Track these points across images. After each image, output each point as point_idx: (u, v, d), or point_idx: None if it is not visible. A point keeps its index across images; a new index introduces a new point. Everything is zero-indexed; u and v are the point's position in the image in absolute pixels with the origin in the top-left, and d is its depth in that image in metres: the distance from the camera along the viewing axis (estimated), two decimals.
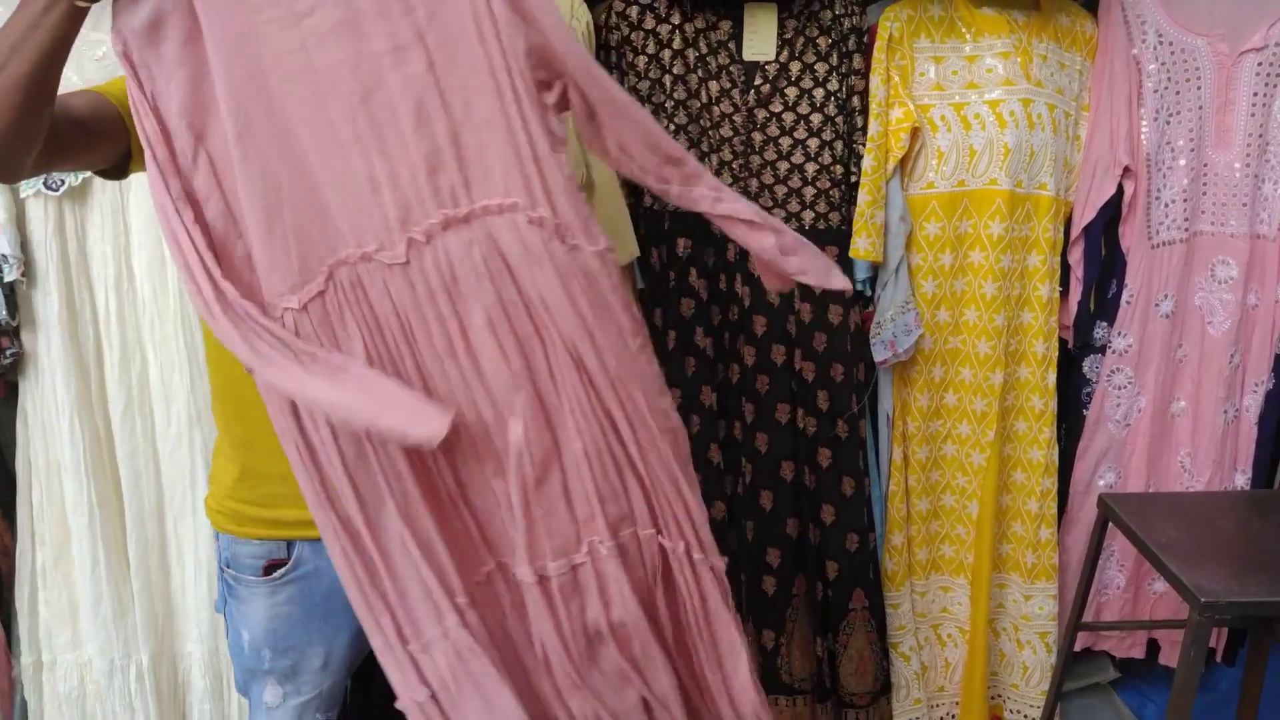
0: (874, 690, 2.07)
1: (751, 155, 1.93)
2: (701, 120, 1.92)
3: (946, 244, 1.97)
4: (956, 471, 2.07)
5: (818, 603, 2.04)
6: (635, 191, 1.92)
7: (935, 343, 2.01)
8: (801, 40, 1.90)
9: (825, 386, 1.99)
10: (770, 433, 2.01)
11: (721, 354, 2.01)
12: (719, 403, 2.02)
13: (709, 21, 1.89)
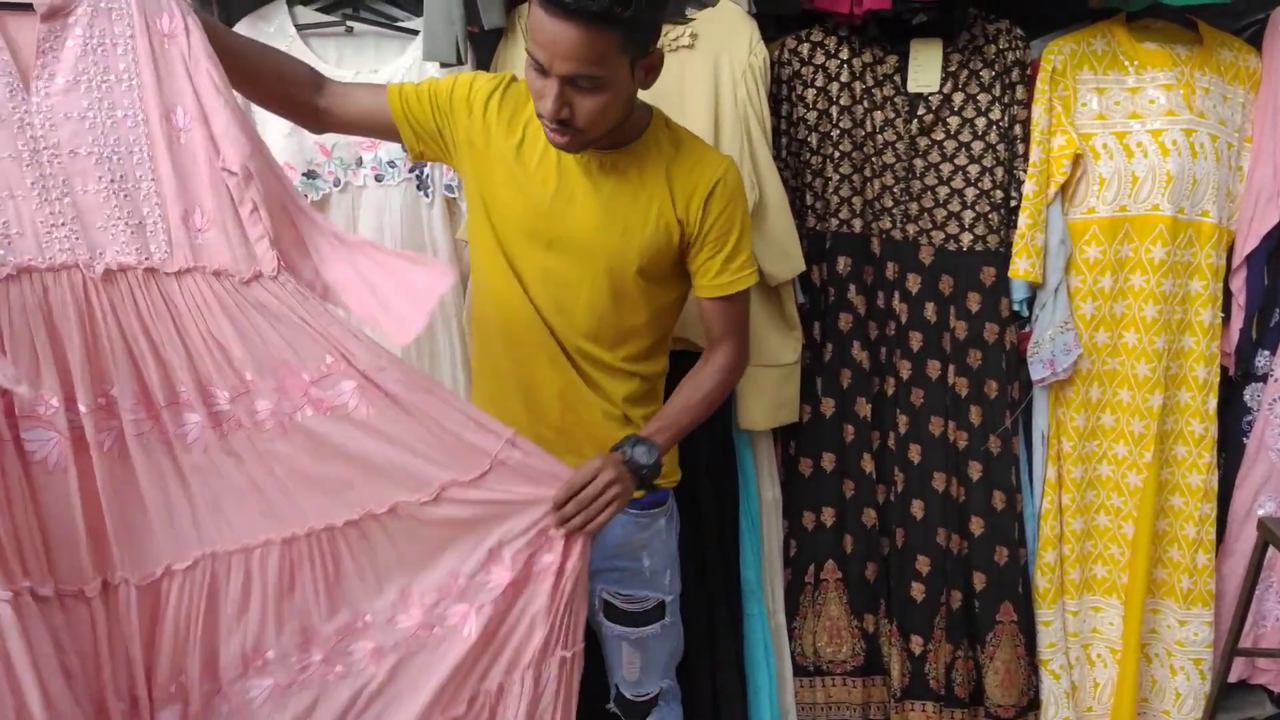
0: (1021, 705, 2.11)
1: (913, 180, 2.05)
2: (865, 148, 2.05)
3: (1107, 267, 2.02)
4: (1112, 492, 2.09)
5: (965, 613, 2.10)
6: (799, 212, 2.07)
7: (1093, 363, 2.06)
8: (965, 72, 2.01)
9: (978, 402, 2.07)
10: (923, 444, 2.10)
11: (877, 368, 2.12)
12: (873, 414, 2.12)
13: (876, 56, 2.03)
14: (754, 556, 2.12)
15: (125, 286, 1.26)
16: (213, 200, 1.28)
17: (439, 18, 1.81)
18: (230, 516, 1.33)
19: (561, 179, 1.49)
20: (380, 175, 1.98)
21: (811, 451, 2.14)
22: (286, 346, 1.31)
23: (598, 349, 1.55)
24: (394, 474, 1.37)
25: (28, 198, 1.22)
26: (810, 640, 2.18)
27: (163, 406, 1.28)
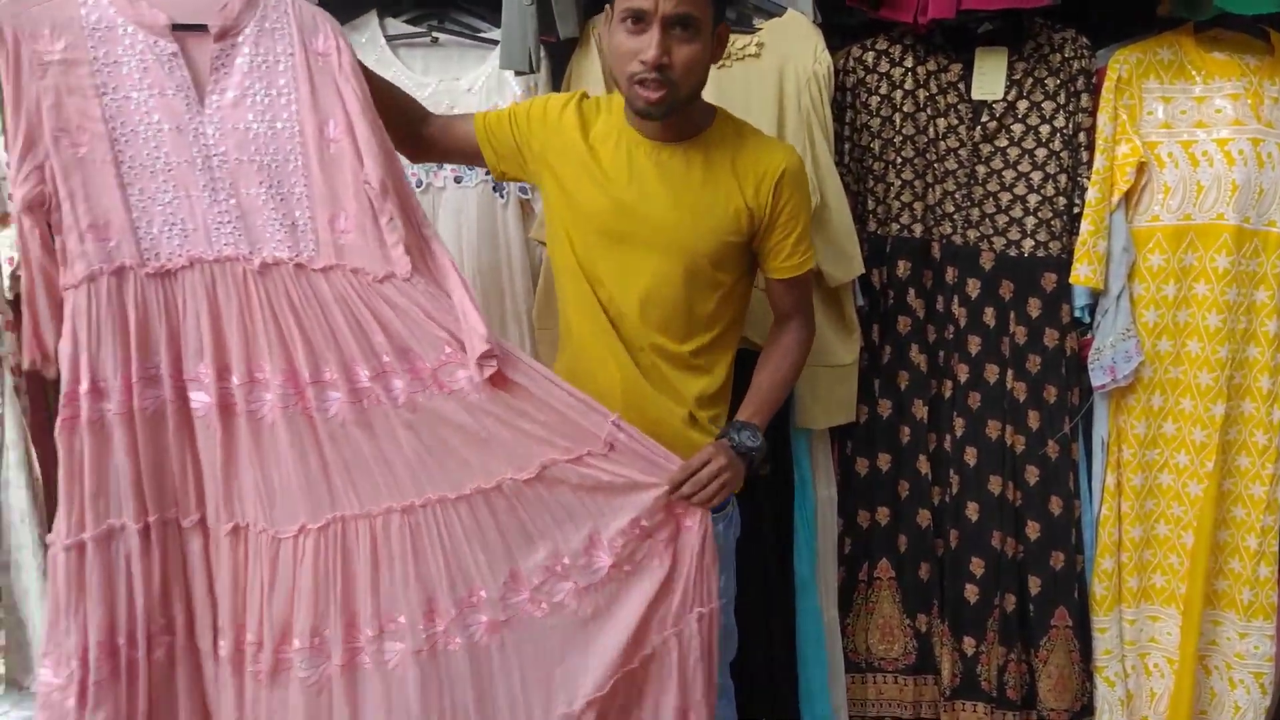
0: (1074, 710, 2.11)
1: (975, 186, 2.07)
2: (928, 154, 2.09)
3: (1170, 275, 2.02)
4: (1172, 501, 2.09)
5: (1019, 616, 2.12)
6: (860, 217, 2.11)
7: (1155, 371, 2.06)
8: (1030, 80, 2.04)
9: (1037, 406, 2.08)
10: (979, 447, 2.12)
11: (935, 370, 2.15)
12: (930, 416, 2.16)
13: (940, 64, 2.07)
14: (808, 552, 2.17)
15: (279, 278, 1.45)
16: (355, 206, 1.45)
17: (516, 28, 1.91)
18: (358, 485, 1.49)
19: (634, 173, 1.59)
20: (459, 177, 2.10)
21: (867, 452, 2.18)
22: (410, 337, 1.47)
23: (669, 341, 1.63)
24: (500, 452, 1.50)
25: (200, 198, 1.43)
26: (863, 637, 2.22)
27: (308, 384, 1.45)
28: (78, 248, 1.39)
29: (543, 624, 1.54)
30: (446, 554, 1.51)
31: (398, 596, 1.50)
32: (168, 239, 1.43)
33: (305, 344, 1.46)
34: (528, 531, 1.53)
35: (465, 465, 1.51)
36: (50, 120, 1.37)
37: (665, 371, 1.65)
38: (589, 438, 1.51)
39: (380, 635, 1.49)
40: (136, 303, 1.42)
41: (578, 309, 1.67)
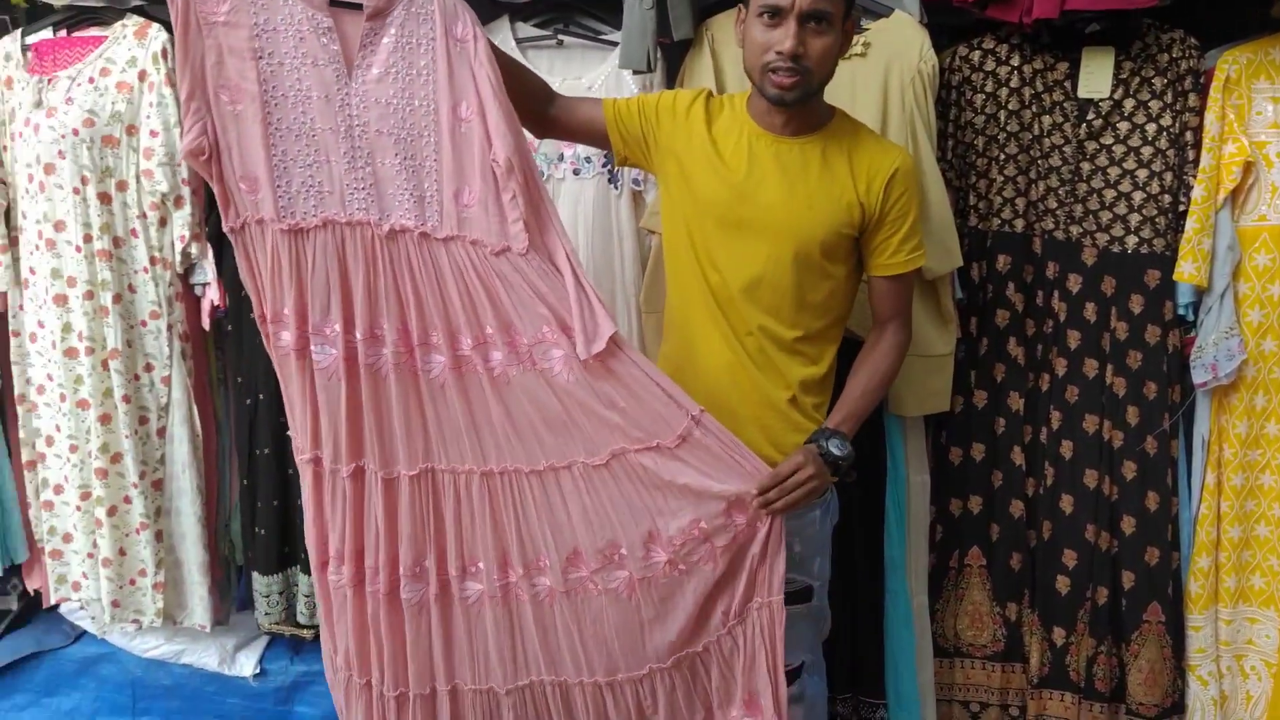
0: (1164, 706, 2.12)
1: (1079, 183, 2.11)
2: (1032, 150, 2.13)
3: (1277, 275, 2.01)
4: (1274, 502, 2.07)
5: (1111, 610, 2.13)
6: (962, 212, 2.17)
7: (1259, 371, 2.05)
8: (1137, 79, 2.06)
9: (1136, 402, 2.10)
10: (1076, 441, 2.15)
11: (1033, 363, 2.19)
12: (1026, 409, 2.19)
13: (1046, 63, 2.11)
14: (899, 536, 2.23)
15: (403, 244, 1.57)
16: (480, 183, 1.56)
17: (635, 30, 2.05)
18: (447, 443, 1.63)
19: (753, 164, 1.70)
20: (578, 169, 2.25)
21: (962, 441, 2.23)
22: (514, 311, 1.58)
23: (777, 325, 1.72)
24: (576, 435, 1.61)
25: (338, 164, 1.55)
26: (951, 623, 2.27)
27: (417, 345, 1.59)
28: (236, 195, 1.54)
29: (599, 602, 1.65)
30: (518, 519, 1.63)
31: (477, 545, 1.64)
32: (304, 199, 1.55)
33: (418, 308, 1.58)
34: (590, 516, 1.63)
35: (542, 442, 1.61)
36: (212, 77, 1.50)
37: (771, 354, 1.74)
38: (663, 429, 1.58)
39: (463, 574, 1.65)
40: (272, 253, 1.55)
41: (689, 292, 1.78)
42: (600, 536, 1.63)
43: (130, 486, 2.38)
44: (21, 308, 2.38)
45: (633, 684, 1.67)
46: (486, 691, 1.69)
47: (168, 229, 2.31)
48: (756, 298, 1.72)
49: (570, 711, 1.70)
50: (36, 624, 2.77)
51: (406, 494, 1.63)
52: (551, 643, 1.67)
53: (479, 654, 1.68)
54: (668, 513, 1.61)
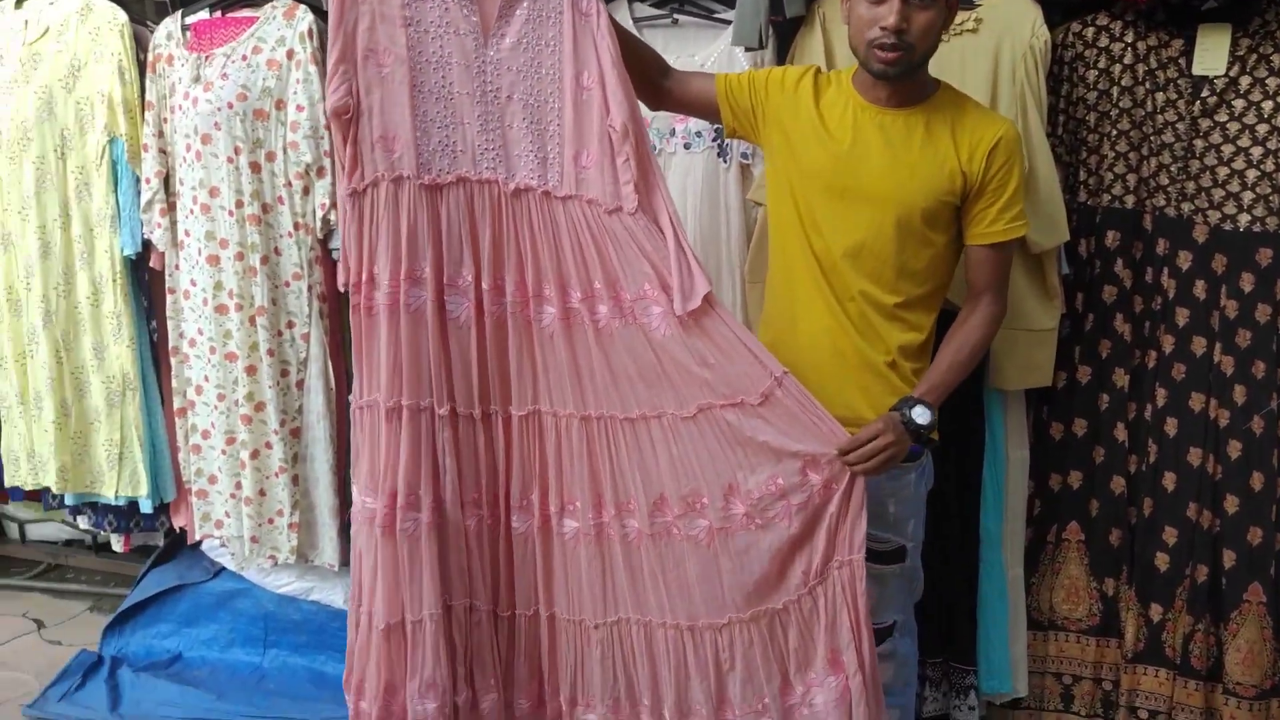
0: (1263, 687, 2.11)
1: (1191, 160, 2.10)
2: (1144, 127, 2.13)
3: None
4: None
5: (1210, 588, 2.13)
6: (1071, 187, 2.19)
7: None
8: (1255, 57, 2.04)
9: (1243, 381, 2.09)
10: (1181, 418, 2.14)
11: (1139, 340, 2.19)
12: (1131, 385, 2.20)
13: (1161, 40, 2.10)
14: (995, 510, 2.27)
15: (526, 202, 1.71)
16: (597, 146, 1.68)
17: (749, 8, 2.14)
18: (553, 388, 1.76)
19: (858, 135, 1.77)
20: (689, 144, 2.35)
21: (1063, 416, 2.25)
22: (620, 268, 1.70)
23: (879, 291, 1.79)
24: (667, 388, 1.71)
25: (472, 125, 1.69)
26: (1047, 596, 2.29)
27: (531, 296, 1.72)
28: (368, 156, 1.66)
29: (681, 548, 1.74)
30: (612, 463, 1.74)
31: (575, 485, 1.75)
32: (440, 158, 1.68)
33: (535, 263, 1.70)
34: (675, 465, 1.72)
35: (636, 393, 1.71)
36: (362, 41, 1.64)
37: (872, 319, 1.81)
38: (748, 388, 1.67)
39: (561, 511, 1.77)
40: (409, 209, 1.67)
41: (793, 260, 1.86)
42: (684, 485, 1.72)
43: (271, 433, 2.59)
44: (178, 267, 2.61)
45: (712, 632, 1.75)
46: (578, 623, 1.81)
47: (310, 197, 2.50)
48: (859, 264, 1.78)
49: (653, 654, 1.79)
50: (180, 560, 3.03)
51: (518, 434, 1.77)
52: (639, 583, 1.77)
53: (574, 588, 1.80)
54: (747, 467, 1.69)
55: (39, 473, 2.79)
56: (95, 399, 2.73)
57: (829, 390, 1.76)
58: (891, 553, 1.92)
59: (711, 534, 1.73)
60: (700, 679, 1.76)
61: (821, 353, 1.83)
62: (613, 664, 1.80)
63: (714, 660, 1.76)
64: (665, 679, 1.77)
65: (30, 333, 2.71)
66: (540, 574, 1.82)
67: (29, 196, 2.63)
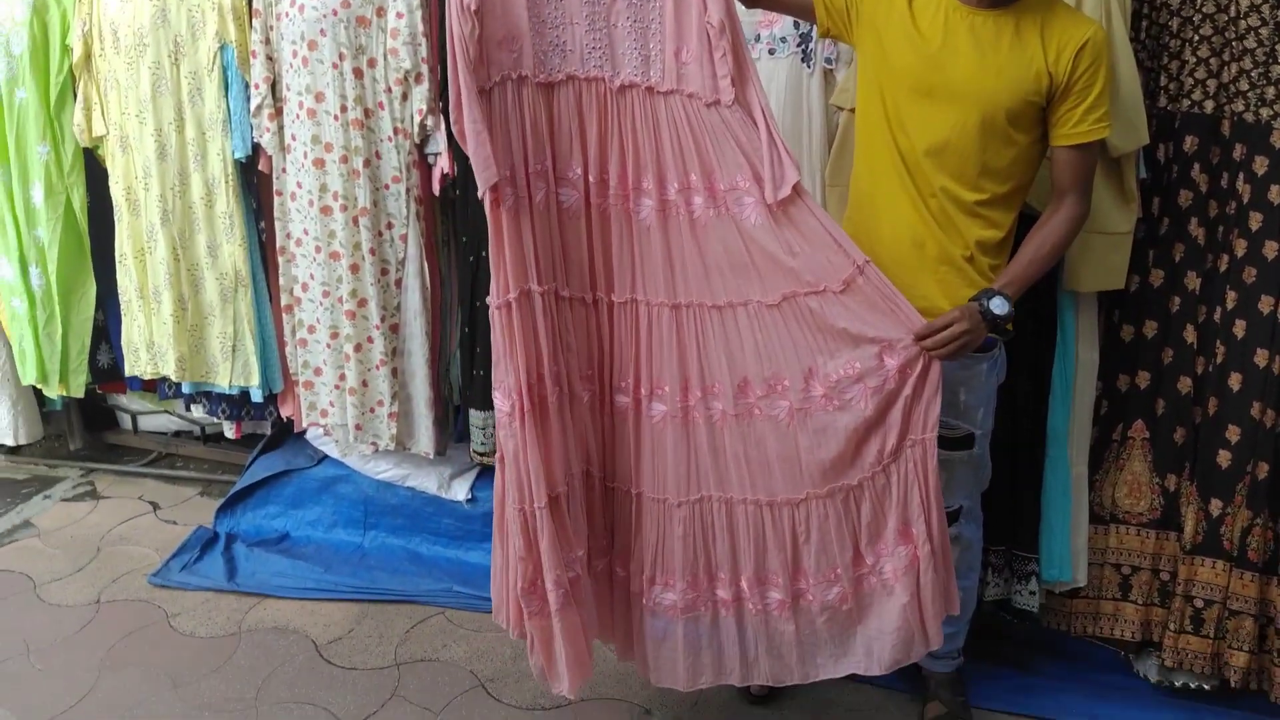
0: None
1: (1273, 65, 2.12)
2: (1226, 32, 2.15)
3: None
4: None
5: (1270, 485, 2.21)
6: (1151, 92, 2.22)
7: None
8: None
9: None
10: (1249, 320, 2.20)
11: (1213, 245, 2.24)
12: (1202, 288, 2.26)
13: None
14: (1063, 408, 2.35)
15: (630, 98, 1.80)
16: (696, 43, 1.77)
17: None
18: (647, 278, 1.87)
19: (948, 35, 1.84)
20: (773, 49, 2.42)
21: (1135, 319, 2.32)
22: (715, 160, 1.79)
23: (960, 188, 1.87)
24: (754, 276, 1.80)
25: (580, 25, 1.78)
26: (1109, 492, 2.39)
27: (631, 189, 1.83)
28: (495, 55, 1.74)
29: (762, 428, 1.86)
30: (699, 349, 1.85)
31: (664, 370, 1.87)
32: (551, 57, 1.78)
33: (635, 156, 1.80)
34: (760, 350, 1.83)
35: (725, 281, 1.81)
36: None
37: (952, 214, 1.89)
38: (831, 276, 1.76)
39: (651, 395, 1.89)
40: (530, 107, 1.77)
41: (879, 158, 1.94)
42: (767, 368, 1.84)
43: (373, 328, 2.76)
44: (284, 170, 2.77)
45: (790, 507, 1.88)
46: (662, 501, 1.95)
47: (408, 103, 2.63)
48: (942, 161, 1.87)
49: (732, 528, 1.92)
50: (285, 448, 3.26)
51: (618, 321, 1.89)
52: (721, 462, 1.89)
53: (659, 468, 1.94)
54: (826, 352, 1.80)
55: (158, 362, 3.01)
56: (210, 294, 2.93)
57: (907, 282, 1.86)
58: (960, 439, 2.03)
59: (791, 414, 1.85)
60: (777, 551, 1.90)
61: (902, 246, 1.92)
62: (693, 541, 1.94)
63: (791, 533, 1.89)
64: (744, 551, 1.92)
65: (149, 231, 2.90)
66: (633, 454, 1.96)
67: (145, 100, 2.80)
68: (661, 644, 1.99)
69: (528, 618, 1.88)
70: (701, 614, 1.96)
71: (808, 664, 1.94)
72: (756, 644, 1.95)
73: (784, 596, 1.90)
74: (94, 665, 2.45)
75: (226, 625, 2.64)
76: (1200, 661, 2.28)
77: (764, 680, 2.03)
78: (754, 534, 1.91)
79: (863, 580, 1.90)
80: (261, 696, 2.34)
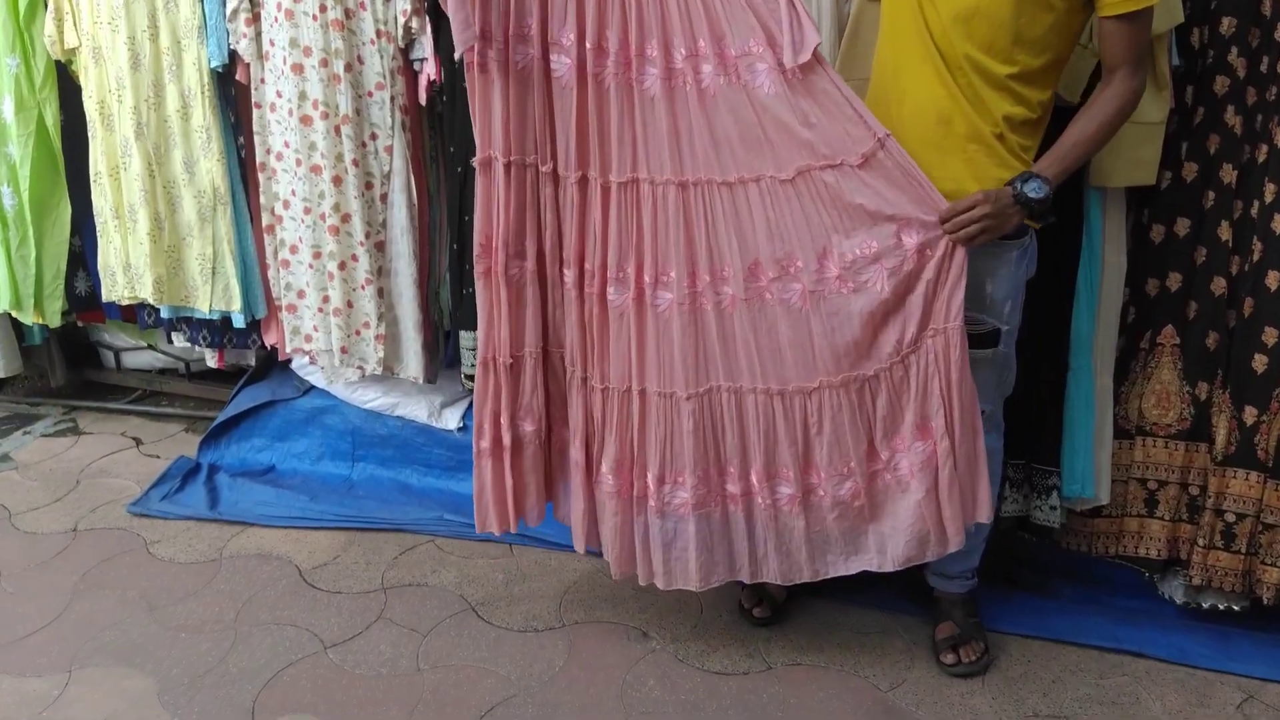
0: None
1: None
2: None
3: None
4: None
5: None
6: None
7: None
8: None
9: None
10: None
11: (1250, 134, 2.09)
12: (1239, 182, 2.11)
13: None
14: (1088, 314, 2.21)
15: None
16: None
17: None
18: (650, 154, 1.74)
19: None
20: None
21: (1166, 218, 2.17)
22: (726, 22, 1.66)
23: (989, 60, 1.72)
24: (767, 150, 1.69)
25: None
26: (1136, 404, 2.25)
27: (634, 56, 1.70)
28: None
29: (774, 312, 1.74)
30: (708, 229, 1.73)
31: (670, 254, 1.75)
32: None
33: (639, 20, 1.68)
34: (771, 229, 1.71)
35: (735, 156, 1.69)
36: None
37: (979, 89, 1.75)
38: (849, 148, 1.64)
39: (655, 283, 1.77)
40: None
41: (902, 29, 1.80)
42: (779, 248, 1.71)
43: (358, 245, 2.63)
44: (263, 80, 2.62)
45: (801, 396, 1.77)
46: (669, 395, 1.84)
47: (392, 4, 2.48)
48: (971, 29, 1.72)
49: (742, 419, 1.81)
50: (271, 379, 3.14)
51: (615, 202, 1.76)
52: (730, 350, 1.78)
53: (665, 360, 1.82)
54: (842, 230, 1.68)
55: (135, 285, 2.88)
56: (188, 213, 2.80)
57: (933, 161, 1.73)
58: (985, 335, 1.90)
59: (804, 297, 1.73)
60: (788, 443, 1.78)
61: (927, 121, 1.78)
62: (703, 434, 1.83)
63: (802, 424, 1.78)
64: (754, 443, 1.80)
65: (124, 145, 2.77)
66: (634, 349, 1.84)
67: (118, 7, 2.65)
68: (672, 545, 1.89)
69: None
70: (712, 510, 1.86)
71: (817, 561, 1.83)
72: (765, 541, 1.84)
73: (794, 491, 1.79)
74: (67, 589, 2.34)
75: (207, 552, 2.52)
76: (1231, 579, 2.15)
77: (773, 578, 1.93)
78: (764, 425, 1.80)
79: (877, 476, 1.78)
80: (241, 618, 2.23)
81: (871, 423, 1.77)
